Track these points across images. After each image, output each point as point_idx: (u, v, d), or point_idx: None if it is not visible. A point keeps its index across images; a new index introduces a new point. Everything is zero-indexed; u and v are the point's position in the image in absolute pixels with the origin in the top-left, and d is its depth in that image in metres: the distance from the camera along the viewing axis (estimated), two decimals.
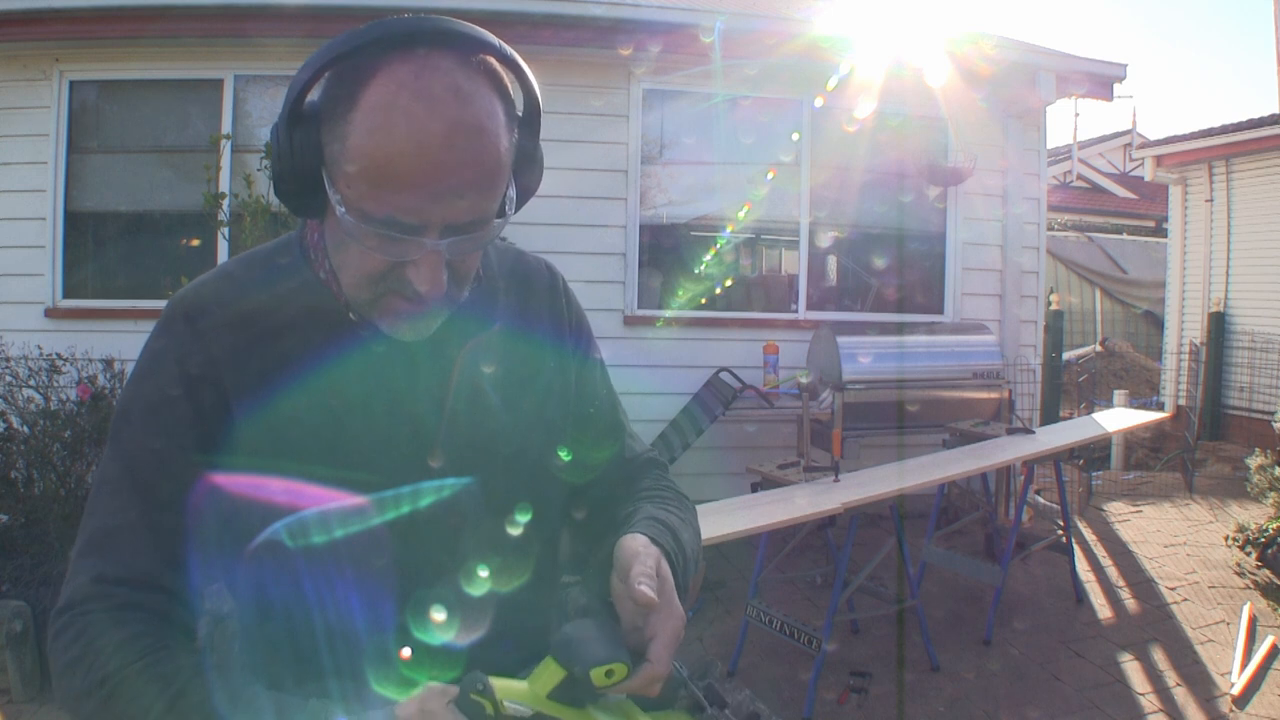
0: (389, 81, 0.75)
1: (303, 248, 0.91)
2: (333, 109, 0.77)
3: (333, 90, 0.78)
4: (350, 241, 0.80)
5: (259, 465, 0.83)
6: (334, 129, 0.77)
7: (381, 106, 0.74)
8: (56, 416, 3.94)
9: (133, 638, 0.77)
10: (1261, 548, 4.37)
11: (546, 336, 1.01)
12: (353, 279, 0.83)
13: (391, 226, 0.76)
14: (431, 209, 0.76)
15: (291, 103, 0.78)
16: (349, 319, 0.87)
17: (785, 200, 5.59)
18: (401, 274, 0.80)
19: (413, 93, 0.74)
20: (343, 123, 0.76)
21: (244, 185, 4.54)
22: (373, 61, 0.76)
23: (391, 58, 0.75)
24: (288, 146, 0.78)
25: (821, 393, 4.84)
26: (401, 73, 0.75)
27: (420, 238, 0.77)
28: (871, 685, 3.38)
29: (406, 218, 0.76)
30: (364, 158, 0.75)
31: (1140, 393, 9.57)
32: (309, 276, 0.88)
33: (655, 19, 4.99)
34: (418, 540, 0.87)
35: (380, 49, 0.76)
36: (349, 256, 0.82)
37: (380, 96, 0.75)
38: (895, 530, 3.49)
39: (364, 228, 0.77)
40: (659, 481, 1.07)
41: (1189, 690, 3.35)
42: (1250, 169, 8.31)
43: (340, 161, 0.77)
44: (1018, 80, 5.41)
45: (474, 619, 0.87)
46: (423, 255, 0.78)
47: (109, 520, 0.83)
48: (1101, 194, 16.30)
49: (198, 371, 0.84)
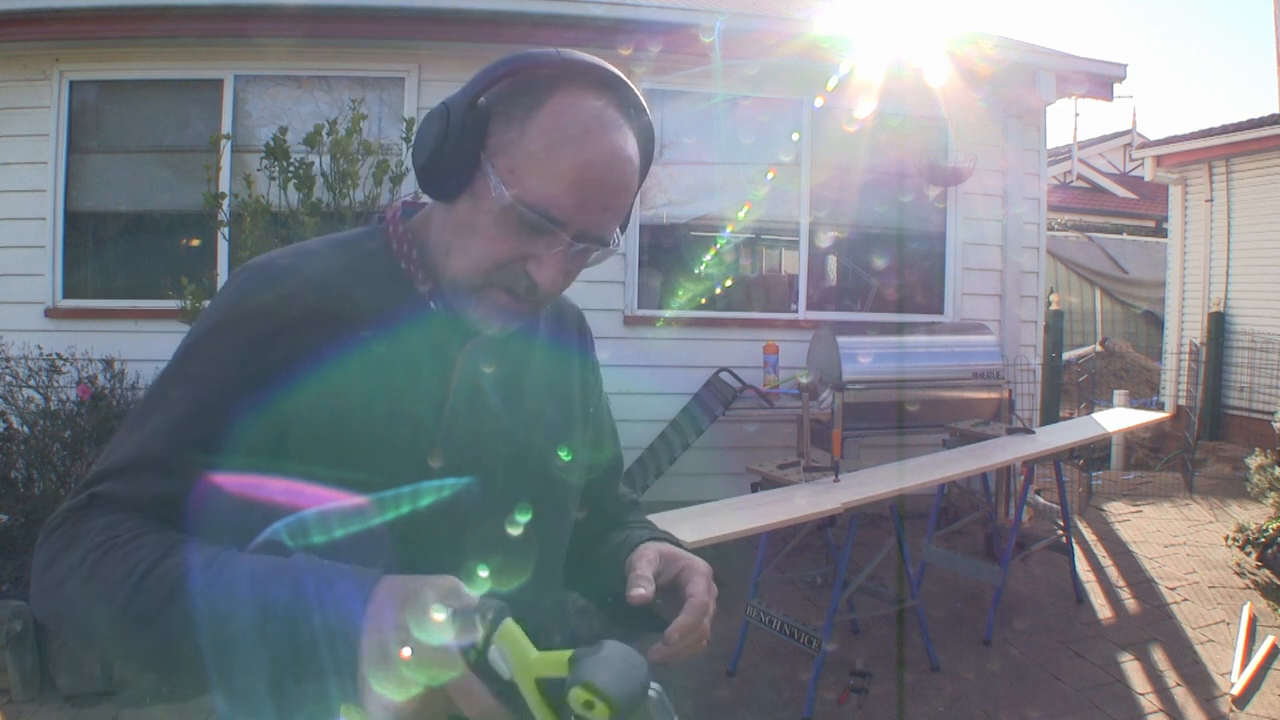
0: (574, 96, 0.85)
1: (384, 238, 0.95)
2: (514, 103, 0.85)
3: (517, 88, 0.85)
4: (486, 225, 0.86)
5: (259, 465, 0.83)
6: (510, 120, 0.85)
7: (567, 110, 0.84)
8: (56, 416, 3.94)
9: (115, 523, 0.78)
10: (1261, 548, 4.37)
11: (573, 354, 1.07)
12: (469, 264, 0.88)
13: (544, 215, 0.83)
14: (578, 213, 0.84)
15: (474, 93, 0.85)
16: (428, 310, 0.91)
17: (785, 200, 5.59)
18: (522, 267, 0.86)
19: (594, 111, 0.85)
20: (523, 116, 0.84)
21: (244, 185, 4.54)
22: (561, 77, 0.85)
23: (575, 79, 0.86)
24: (459, 126, 0.84)
25: (821, 393, 4.84)
26: (585, 93, 0.86)
27: (561, 233, 0.85)
28: (871, 685, 3.38)
29: (557, 213, 0.84)
30: (539, 150, 0.83)
31: (1140, 393, 9.57)
32: (389, 266, 0.93)
33: (655, 19, 4.99)
34: (418, 540, 0.87)
35: (564, 69, 0.86)
36: (475, 240, 0.87)
37: (566, 104, 0.84)
38: (895, 530, 3.49)
39: (517, 210, 0.83)
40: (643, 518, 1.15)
41: (1189, 690, 3.35)
42: (1250, 169, 8.31)
43: (511, 149, 0.84)
44: (1018, 80, 5.41)
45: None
46: (552, 253, 0.85)
47: (126, 458, 0.82)
48: (1101, 194, 16.29)
49: (265, 337, 0.84)
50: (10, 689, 3.23)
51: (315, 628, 0.72)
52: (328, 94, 5.16)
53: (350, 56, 5.10)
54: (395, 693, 0.71)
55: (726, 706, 3.28)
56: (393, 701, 0.70)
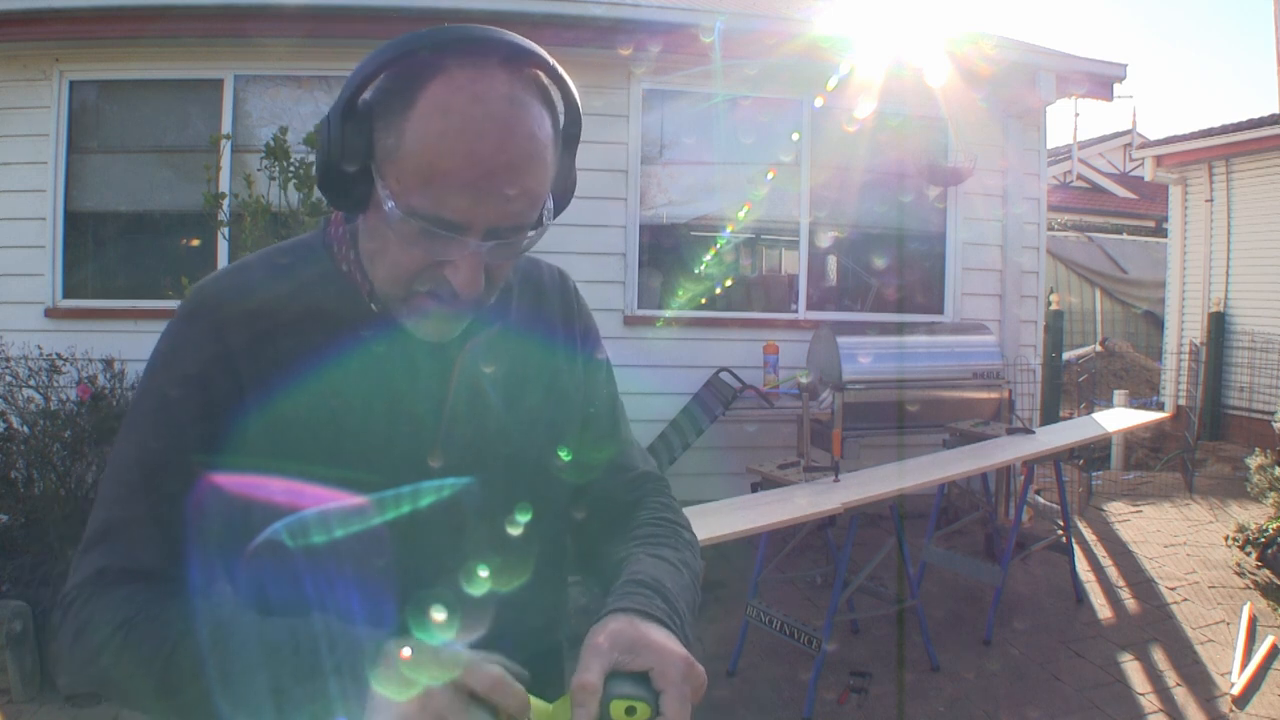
0: (447, 84, 0.77)
1: (325, 241, 0.92)
2: (389, 106, 0.79)
3: (390, 87, 0.80)
4: (391, 236, 0.81)
5: (260, 465, 0.83)
6: (389, 125, 0.79)
7: (439, 106, 0.77)
8: (56, 416, 3.94)
9: (130, 596, 0.81)
10: (1261, 548, 4.37)
11: (557, 339, 1.02)
12: (388, 275, 0.84)
13: (438, 224, 0.78)
14: (477, 211, 0.78)
15: (348, 97, 0.80)
16: (369, 311, 0.88)
17: (785, 200, 5.59)
18: (439, 273, 0.82)
19: (470, 96, 0.77)
20: (399, 119, 0.78)
21: (244, 185, 4.54)
22: (431, 64, 0.78)
23: (450, 63, 0.78)
24: (339, 139, 0.80)
25: (821, 393, 4.84)
26: (460, 77, 0.78)
27: (465, 237, 0.79)
28: (871, 685, 3.38)
29: (453, 216, 0.78)
30: (418, 154, 0.77)
31: (1140, 393, 9.57)
32: (329, 269, 0.90)
33: (655, 19, 4.99)
34: (418, 540, 0.87)
35: (439, 53, 0.78)
36: (387, 252, 0.83)
37: (439, 97, 0.77)
38: (895, 530, 3.49)
39: (411, 222, 0.79)
40: (656, 513, 1.03)
41: (1189, 690, 3.35)
42: (1250, 169, 8.31)
43: (393, 157, 0.79)
44: (1018, 80, 5.41)
45: (475, 619, 0.87)
46: (464, 256, 0.80)
47: (116, 512, 0.85)
48: (1101, 194, 16.29)
49: (215, 364, 0.84)
50: (10, 689, 3.23)
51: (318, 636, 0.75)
52: (328, 94, 5.16)
53: (350, 56, 5.06)
54: (395, 693, 0.71)
55: (726, 706, 3.28)
56: (393, 702, 0.71)
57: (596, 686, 0.74)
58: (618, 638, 0.78)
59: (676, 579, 0.90)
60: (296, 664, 0.75)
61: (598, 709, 0.73)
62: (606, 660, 0.76)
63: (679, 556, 0.96)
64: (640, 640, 0.78)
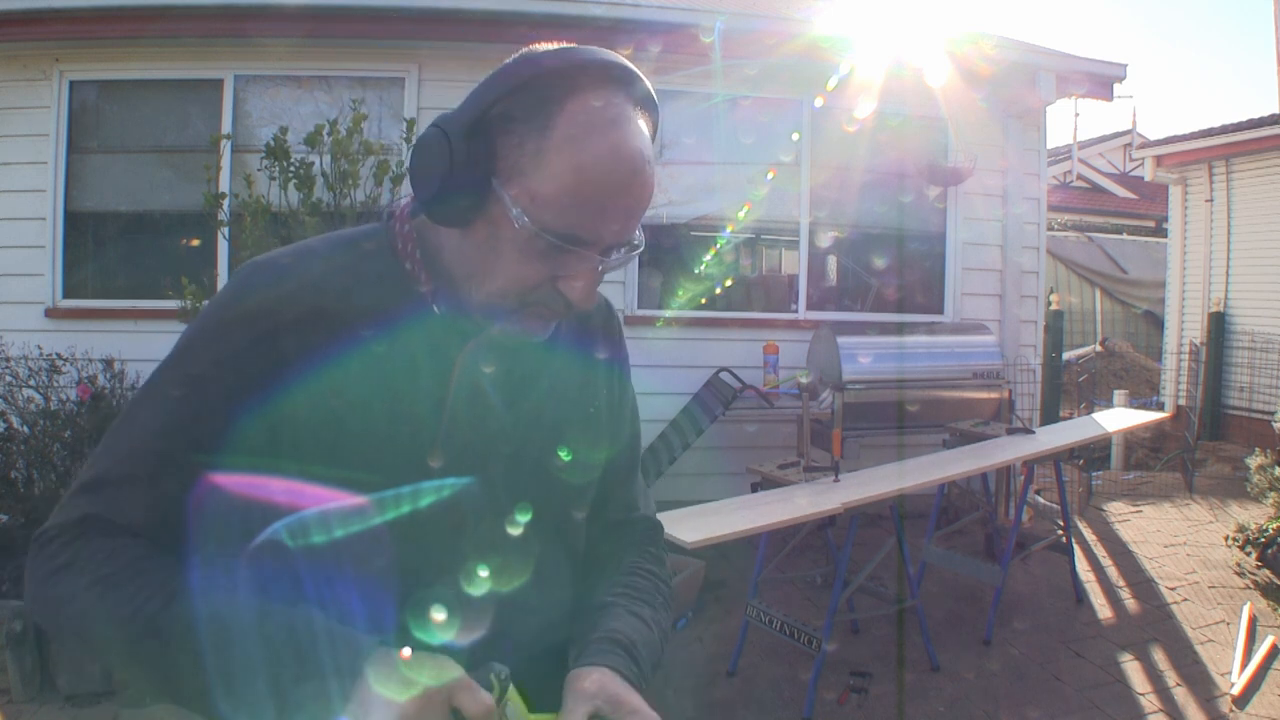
0: (585, 106, 0.80)
1: (389, 239, 0.92)
2: (522, 122, 0.80)
3: (523, 104, 0.80)
4: (508, 250, 0.83)
5: (269, 462, 0.83)
6: (522, 142, 0.80)
7: (581, 127, 0.79)
8: (56, 416, 3.94)
9: (114, 551, 0.80)
10: (1261, 548, 4.37)
11: (593, 354, 1.05)
12: (500, 286, 0.85)
13: (569, 240, 0.81)
14: (606, 228, 0.82)
15: (476, 112, 0.81)
16: (430, 312, 0.89)
17: (785, 200, 5.59)
18: (554, 286, 0.84)
19: (610, 120, 0.80)
20: (535, 138, 0.79)
21: (244, 185, 4.54)
22: (565, 85, 0.80)
23: (582, 85, 0.80)
24: (463, 154, 0.81)
25: (821, 393, 4.84)
26: (596, 101, 0.80)
27: (590, 252, 0.82)
28: (871, 685, 3.38)
29: (583, 234, 0.81)
30: (556, 174, 0.79)
31: (1140, 393, 9.57)
32: (393, 267, 0.90)
33: (655, 19, 4.99)
34: (418, 540, 0.87)
35: (570, 76, 0.80)
36: (499, 265, 0.84)
37: (579, 118, 0.79)
38: (895, 530, 3.49)
39: (542, 238, 0.80)
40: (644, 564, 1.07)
41: (1189, 690, 3.35)
42: (1250, 169, 8.31)
43: (526, 172, 0.80)
44: (1018, 80, 5.41)
45: (474, 619, 0.87)
46: (585, 270, 0.84)
47: (117, 466, 0.84)
48: (1101, 194, 16.29)
49: (261, 345, 0.84)
50: (10, 689, 3.23)
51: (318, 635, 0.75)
52: (328, 94, 5.16)
53: (350, 56, 5.10)
54: (396, 693, 0.71)
55: (726, 706, 3.28)
56: (393, 702, 0.71)
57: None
58: (602, 689, 0.84)
59: (648, 639, 0.96)
60: (297, 665, 0.75)
61: None
62: (590, 707, 0.82)
63: (654, 616, 1.00)
64: (620, 698, 0.84)
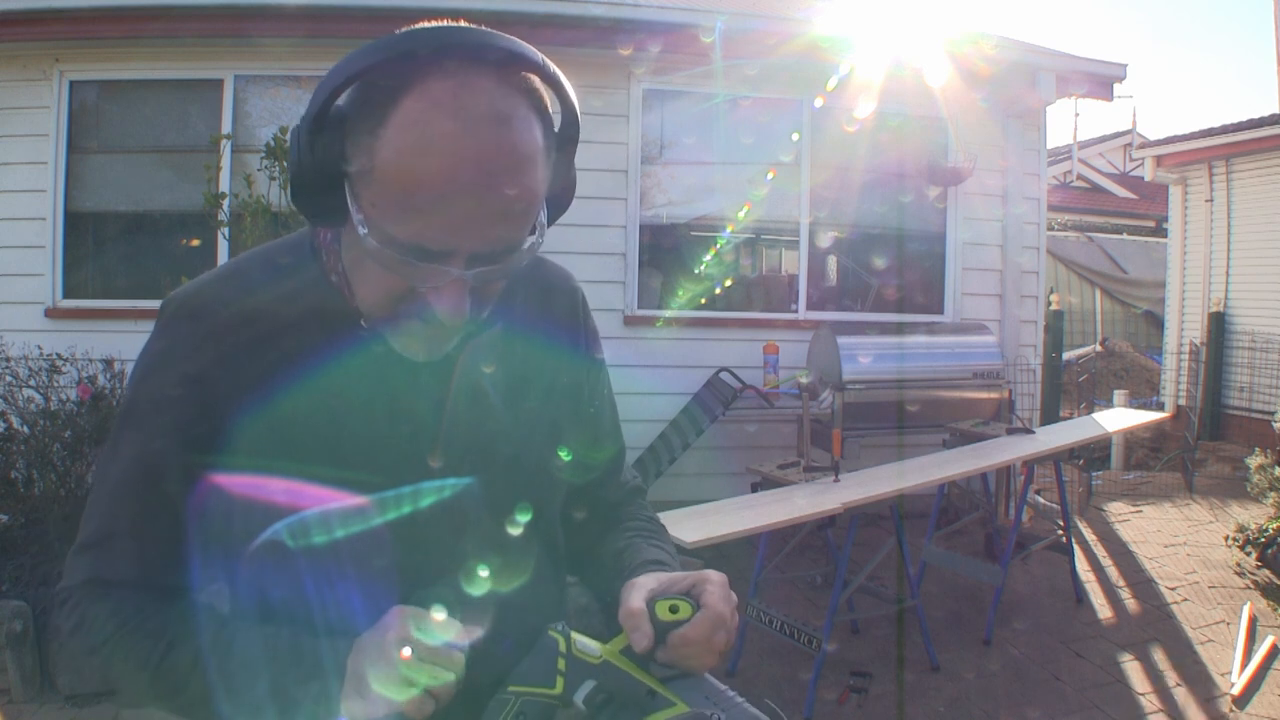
0: (424, 99, 0.70)
1: (313, 247, 0.88)
2: (361, 122, 0.72)
3: (362, 101, 0.73)
4: (370, 257, 0.76)
5: (259, 466, 0.83)
6: (361, 143, 0.72)
7: (415, 126, 0.69)
8: (56, 416, 3.93)
9: (116, 609, 0.83)
10: (1261, 548, 4.37)
11: (562, 340, 1.00)
12: (370, 296, 0.80)
13: (416, 254, 0.72)
14: (460, 238, 0.72)
15: (318, 108, 0.72)
16: (358, 322, 0.84)
17: (785, 200, 5.59)
18: (422, 298, 0.77)
19: (449, 113, 0.69)
20: (371, 138, 0.71)
21: (244, 185, 4.54)
22: (407, 74, 0.70)
23: (428, 71, 0.70)
24: (309, 154, 0.73)
25: (821, 393, 4.84)
26: (437, 90, 0.70)
27: (446, 266, 0.73)
28: (871, 685, 3.38)
29: (434, 245, 0.72)
30: (393, 180, 0.70)
31: (1140, 393, 9.57)
32: (317, 276, 0.86)
33: (655, 19, 4.99)
34: (418, 540, 0.87)
35: (416, 60, 0.70)
36: (367, 272, 0.79)
37: (414, 115, 0.70)
38: (895, 530, 3.49)
39: (387, 252, 0.73)
40: (645, 511, 1.11)
41: (1189, 690, 3.35)
42: (1250, 169, 8.31)
43: (366, 179, 0.72)
44: (1018, 80, 5.41)
45: (475, 619, 0.87)
46: (447, 283, 0.75)
47: (105, 524, 0.86)
48: (1101, 194, 16.29)
49: (198, 372, 0.83)
50: (10, 689, 3.23)
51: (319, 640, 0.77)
52: None
53: None
54: (396, 692, 0.71)
55: None
56: (393, 701, 0.71)
57: (643, 609, 0.80)
58: (656, 579, 0.85)
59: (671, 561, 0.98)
60: (298, 666, 0.75)
61: (650, 628, 0.80)
62: (646, 592, 0.83)
63: (669, 555, 1.01)
64: (676, 577, 0.86)
